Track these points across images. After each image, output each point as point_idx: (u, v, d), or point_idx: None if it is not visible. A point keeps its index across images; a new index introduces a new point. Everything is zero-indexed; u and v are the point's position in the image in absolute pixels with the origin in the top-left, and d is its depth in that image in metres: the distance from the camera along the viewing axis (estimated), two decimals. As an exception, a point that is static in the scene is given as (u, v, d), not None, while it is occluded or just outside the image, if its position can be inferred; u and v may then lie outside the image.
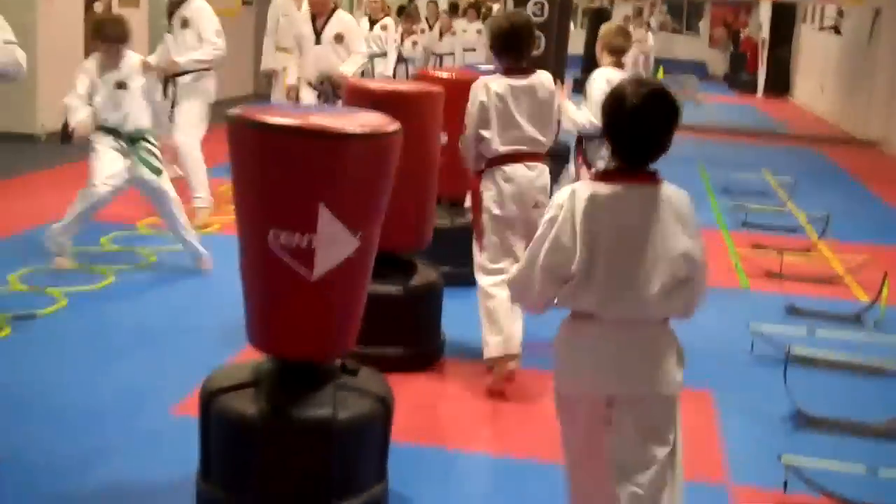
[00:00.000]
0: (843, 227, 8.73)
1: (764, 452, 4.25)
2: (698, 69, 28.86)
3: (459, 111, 4.77)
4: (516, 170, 4.69)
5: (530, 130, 4.71)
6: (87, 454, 3.98)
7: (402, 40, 12.91)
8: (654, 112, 2.71)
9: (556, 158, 5.94)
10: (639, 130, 2.72)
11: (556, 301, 2.82)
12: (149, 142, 6.21)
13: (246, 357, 4.09)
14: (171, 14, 7.76)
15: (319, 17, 8.03)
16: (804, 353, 5.40)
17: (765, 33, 24.41)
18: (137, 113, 6.19)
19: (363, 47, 8.33)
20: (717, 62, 29.57)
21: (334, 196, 3.29)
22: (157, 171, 6.17)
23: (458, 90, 5.03)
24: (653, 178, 2.76)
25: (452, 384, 4.94)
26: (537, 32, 8.76)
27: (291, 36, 8.37)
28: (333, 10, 8.11)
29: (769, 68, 24.22)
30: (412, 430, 4.24)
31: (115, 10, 11.38)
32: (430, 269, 5.18)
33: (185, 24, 7.62)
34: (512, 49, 4.74)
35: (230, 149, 3.39)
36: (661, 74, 24.80)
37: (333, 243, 3.33)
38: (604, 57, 5.90)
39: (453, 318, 5.29)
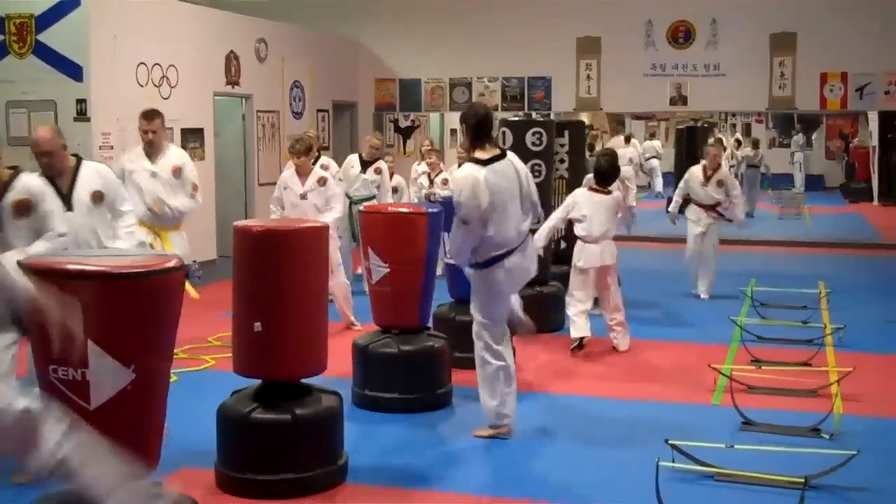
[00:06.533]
0: (865, 339, 8.62)
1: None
2: (816, 181, 28.48)
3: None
4: None
5: None
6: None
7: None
8: None
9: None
10: None
11: None
12: None
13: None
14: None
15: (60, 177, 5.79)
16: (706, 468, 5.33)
17: (874, 141, 23.80)
18: None
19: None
20: (835, 174, 28.95)
21: (102, 332, 3.59)
22: None
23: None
24: None
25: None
26: (538, 161, 9.14)
27: None
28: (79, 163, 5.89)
29: (881, 175, 23.55)
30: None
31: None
32: (330, 395, 5.35)
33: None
34: None
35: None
36: (767, 189, 24.63)
37: (106, 376, 3.61)
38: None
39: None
